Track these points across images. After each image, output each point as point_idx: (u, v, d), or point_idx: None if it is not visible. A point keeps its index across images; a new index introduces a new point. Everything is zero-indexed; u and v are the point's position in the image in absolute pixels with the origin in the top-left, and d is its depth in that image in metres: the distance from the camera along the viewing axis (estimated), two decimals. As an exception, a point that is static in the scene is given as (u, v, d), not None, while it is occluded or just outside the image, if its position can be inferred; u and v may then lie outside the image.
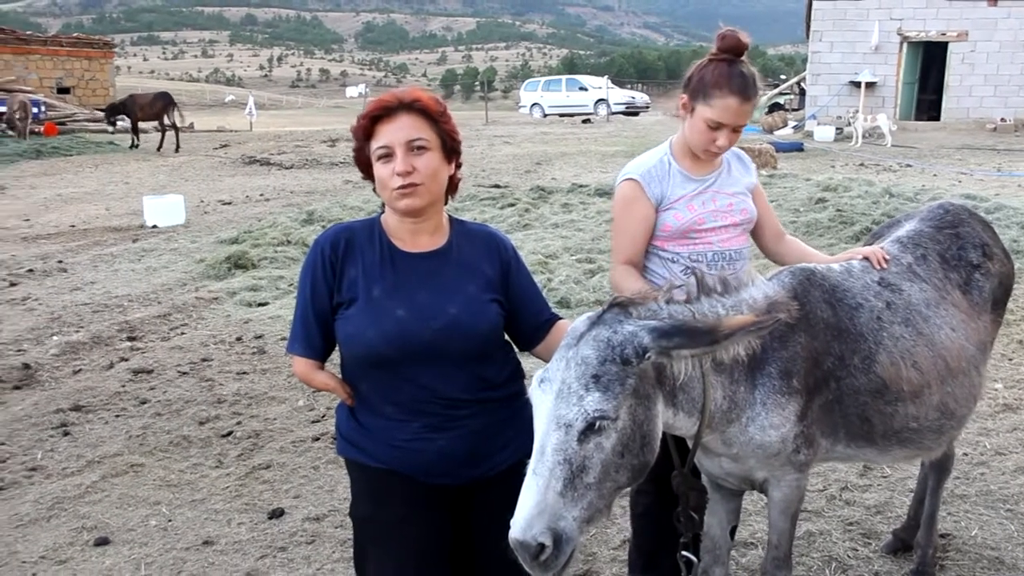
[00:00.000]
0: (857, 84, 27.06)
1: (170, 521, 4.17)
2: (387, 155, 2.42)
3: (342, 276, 2.49)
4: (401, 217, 2.50)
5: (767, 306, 2.51)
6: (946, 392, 2.81)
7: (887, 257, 2.96)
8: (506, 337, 2.65)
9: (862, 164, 18.29)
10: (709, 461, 2.72)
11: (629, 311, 2.26)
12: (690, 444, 2.54)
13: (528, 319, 2.65)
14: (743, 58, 2.88)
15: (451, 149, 2.52)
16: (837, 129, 25.34)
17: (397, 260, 2.51)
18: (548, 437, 2.09)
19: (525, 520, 2.04)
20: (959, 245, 3.11)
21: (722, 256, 3.00)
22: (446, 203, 2.60)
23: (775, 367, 2.53)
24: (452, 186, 2.58)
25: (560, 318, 2.69)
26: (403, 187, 2.39)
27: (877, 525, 4.01)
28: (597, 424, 2.08)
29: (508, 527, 2.05)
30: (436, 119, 2.47)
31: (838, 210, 10.99)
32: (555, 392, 2.12)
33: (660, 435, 2.26)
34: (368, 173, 2.53)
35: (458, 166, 2.59)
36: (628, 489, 3.42)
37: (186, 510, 4.28)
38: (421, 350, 2.42)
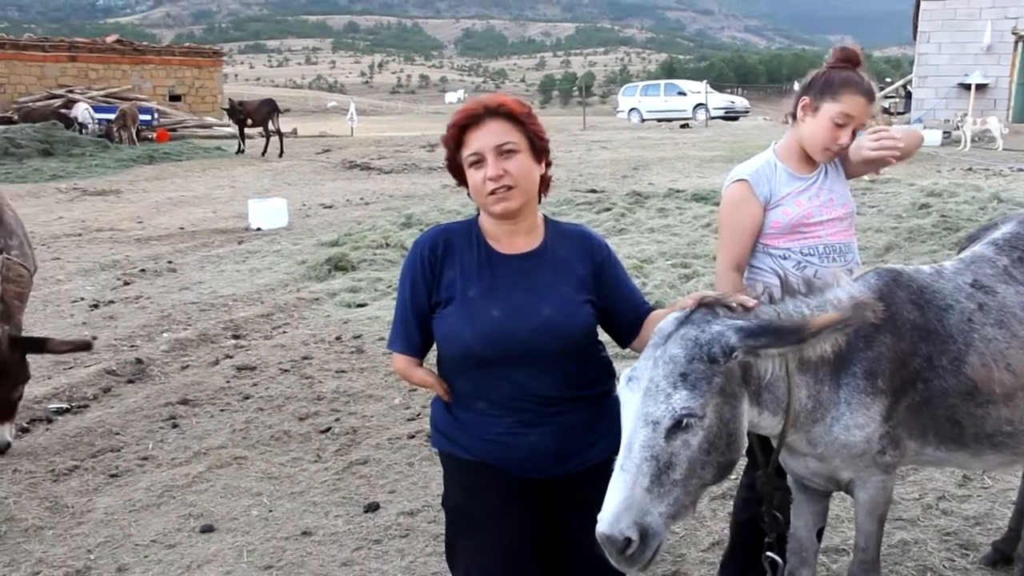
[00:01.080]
0: (966, 86, 26.17)
1: (271, 512, 4.32)
2: (478, 161, 2.50)
3: (440, 276, 2.58)
4: (497, 220, 2.57)
5: (852, 307, 2.52)
6: None
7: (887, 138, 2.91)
8: (599, 337, 2.70)
9: (970, 169, 17.72)
10: (794, 461, 2.72)
11: (716, 311, 2.30)
12: (774, 444, 2.56)
13: (625, 316, 2.69)
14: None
15: (540, 149, 2.58)
16: (944, 133, 24.56)
17: (494, 261, 2.59)
18: (636, 434, 2.14)
19: (612, 515, 2.09)
20: (1059, 248, 3.03)
21: (833, 249, 3.04)
22: (539, 201, 2.66)
23: (860, 367, 2.52)
24: (544, 185, 2.65)
25: (653, 309, 2.73)
26: (496, 190, 2.47)
27: (976, 536, 3.91)
28: (684, 421, 2.12)
29: (595, 520, 2.11)
30: (522, 121, 2.53)
31: (942, 216, 10.67)
32: (643, 390, 2.17)
33: (746, 433, 2.29)
34: (461, 179, 2.61)
35: (548, 165, 2.65)
36: (734, 495, 3.45)
37: (286, 502, 4.43)
38: (515, 350, 2.50)
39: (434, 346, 2.72)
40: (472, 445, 2.60)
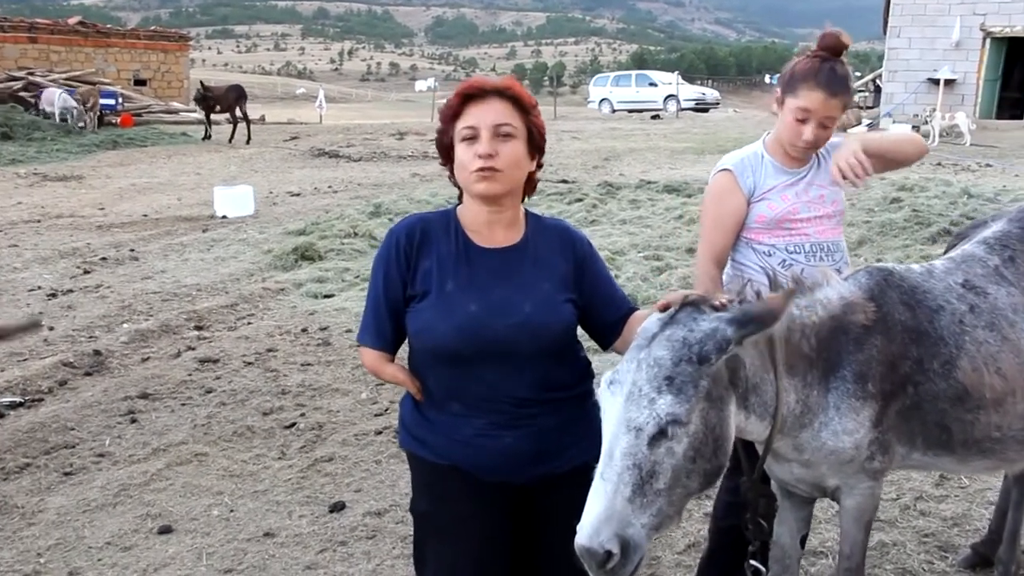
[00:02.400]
0: (935, 81, 26.37)
1: (232, 512, 4.18)
2: (472, 136, 2.37)
3: (416, 268, 2.45)
4: (478, 203, 2.45)
5: (842, 307, 2.43)
6: None
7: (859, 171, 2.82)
8: (578, 336, 2.58)
9: (939, 163, 17.80)
10: (779, 467, 2.63)
11: (703, 310, 2.18)
12: (759, 449, 2.46)
13: (605, 316, 2.57)
14: (840, 58, 2.85)
15: (536, 145, 2.47)
16: (913, 127, 24.65)
17: (472, 255, 2.46)
18: (617, 441, 2.03)
19: (592, 526, 1.98)
20: (1051, 248, 2.95)
21: (820, 247, 2.95)
22: (523, 200, 2.54)
23: (849, 370, 2.43)
24: (531, 185, 2.53)
25: (636, 309, 2.61)
26: (483, 169, 2.35)
27: (954, 538, 3.86)
28: (669, 429, 2.01)
29: (573, 529, 2.00)
30: (527, 110, 2.42)
31: (914, 210, 10.67)
32: (625, 394, 2.06)
33: (732, 439, 2.19)
34: (448, 158, 2.48)
35: (539, 166, 2.53)
36: (714, 497, 3.36)
37: (248, 501, 4.29)
38: (492, 346, 2.37)
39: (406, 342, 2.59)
40: (442, 446, 2.48)
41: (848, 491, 2.57)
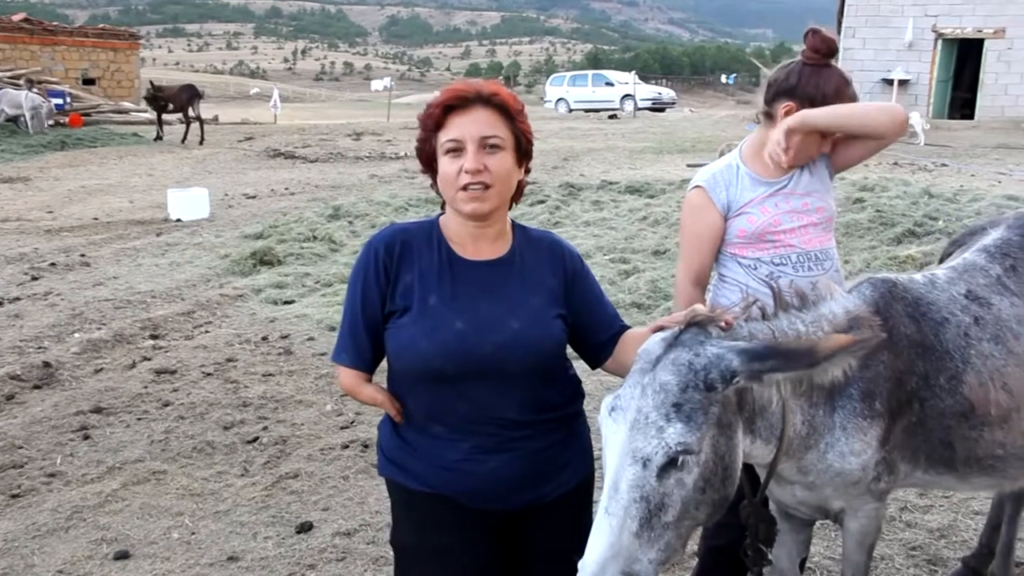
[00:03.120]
0: (889, 82, 26.67)
1: (193, 534, 3.97)
2: (456, 149, 2.20)
3: (396, 282, 2.28)
4: (464, 219, 2.28)
5: (848, 322, 2.30)
6: None
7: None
8: (567, 355, 2.42)
9: (896, 163, 17.92)
10: (780, 490, 2.50)
11: (709, 331, 2.04)
12: (760, 472, 2.33)
13: (595, 334, 2.41)
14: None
15: (524, 151, 2.31)
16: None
17: (456, 268, 2.29)
18: (622, 472, 1.89)
19: (597, 564, 1.85)
20: (1053, 256, 2.85)
21: (807, 257, 2.80)
22: (510, 208, 2.38)
23: (856, 388, 2.31)
24: (518, 191, 2.37)
25: (628, 327, 2.45)
26: (470, 186, 2.19)
27: (942, 551, 3.77)
28: (680, 459, 1.87)
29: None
30: (513, 116, 2.25)
31: (877, 211, 10.67)
32: (629, 422, 1.91)
33: (741, 466, 2.06)
34: (430, 167, 2.31)
35: (527, 171, 2.37)
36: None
37: (210, 522, 4.08)
38: (478, 366, 2.22)
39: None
40: (423, 473, 2.31)
41: (852, 513, 2.47)
